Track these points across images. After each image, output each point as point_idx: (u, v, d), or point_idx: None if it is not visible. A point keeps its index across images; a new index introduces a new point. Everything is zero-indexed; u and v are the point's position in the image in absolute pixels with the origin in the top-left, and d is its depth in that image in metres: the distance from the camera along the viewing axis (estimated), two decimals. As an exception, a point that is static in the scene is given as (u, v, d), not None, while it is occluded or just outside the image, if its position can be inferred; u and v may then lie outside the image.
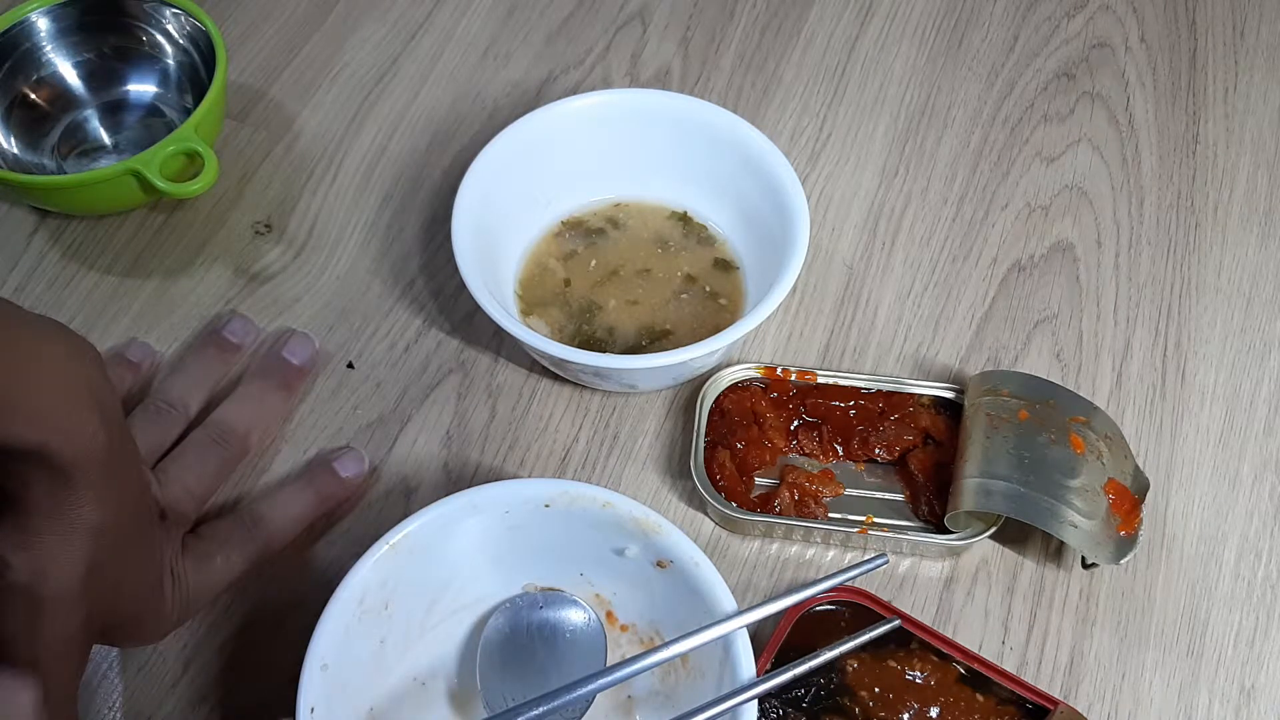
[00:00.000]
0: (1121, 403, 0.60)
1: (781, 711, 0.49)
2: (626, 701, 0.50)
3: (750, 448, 0.56)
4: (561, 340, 0.58)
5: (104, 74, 0.68)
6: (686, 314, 0.61)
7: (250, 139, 0.69)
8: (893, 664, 0.50)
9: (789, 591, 0.47)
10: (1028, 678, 0.51)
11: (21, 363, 0.36)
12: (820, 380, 0.58)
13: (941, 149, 0.70)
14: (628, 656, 0.46)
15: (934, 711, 0.49)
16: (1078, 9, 0.76)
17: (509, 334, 0.54)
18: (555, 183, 0.63)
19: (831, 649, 0.47)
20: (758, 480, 0.56)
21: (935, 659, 0.50)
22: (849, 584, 0.49)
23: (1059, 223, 0.66)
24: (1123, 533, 0.52)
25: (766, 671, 0.48)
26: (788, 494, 0.55)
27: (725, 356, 0.60)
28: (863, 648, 0.49)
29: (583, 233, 0.64)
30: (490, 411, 0.59)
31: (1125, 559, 0.51)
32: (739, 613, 0.45)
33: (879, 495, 0.56)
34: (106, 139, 0.68)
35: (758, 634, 0.49)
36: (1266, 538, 0.56)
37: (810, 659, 0.46)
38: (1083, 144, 0.70)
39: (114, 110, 0.68)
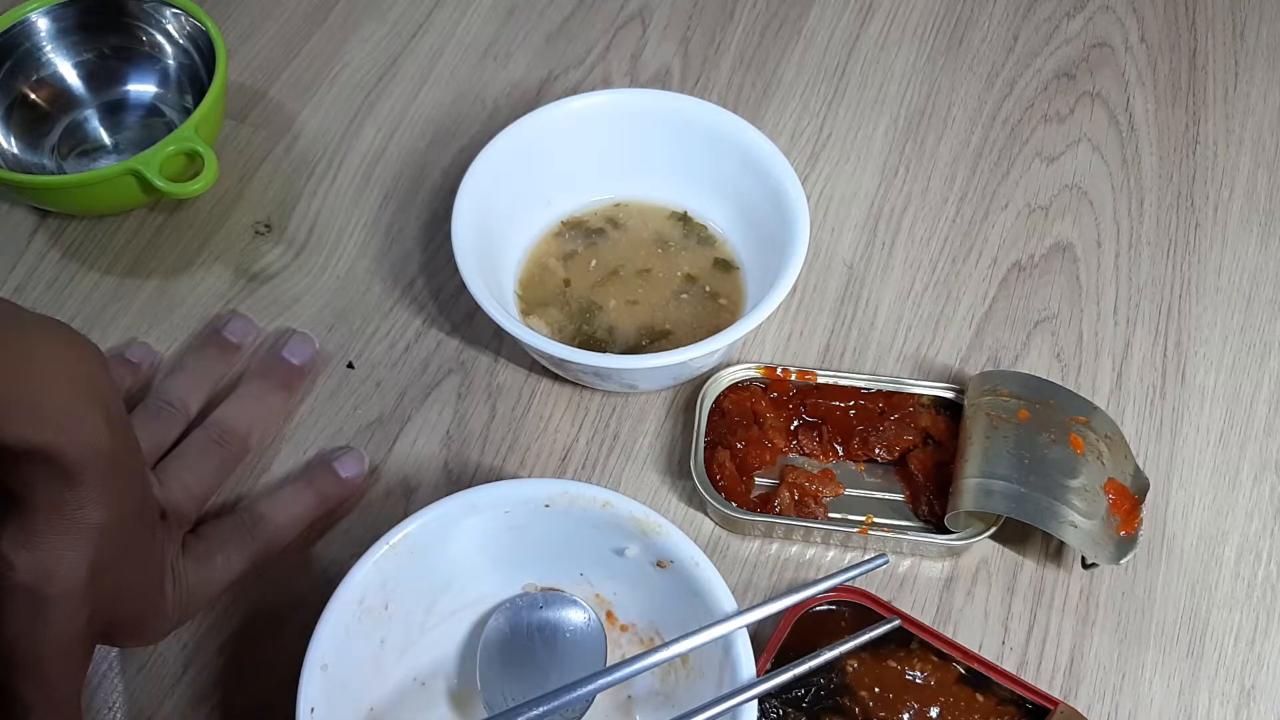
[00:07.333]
0: (1121, 403, 0.60)
1: (781, 711, 0.49)
2: (626, 701, 0.50)
3: (750, 448, 0.56)
4: (561, 340, 0.58)
5: (104, 74, 0.68)
6: (686, 314, 0.61)
7: (250, 139, 0.69)
8: (893, 664, 0.50)
9: (789, 591, 0.47)
10: (1028, 678, 0.51)
11: (26, 363, 0.36)
12: (820, 380, 0.58)
13: (941, 149, 0.70)
14: (628, 656, 0.46)
15: (934, 711, 0.49)
16: (1078, 9, 0.76)
17: (509, 334, 0.54)
18: (555, 183, 0.63)
19: (831, 649, 0.47)
20: (758, 480, 0.56)
21: (935, 659, 0.50)
22: (849, 584, 0.49)
23: (1059, 223, 0.66)
24: (1123, 533, 0.52)
25: (766, 671, 0.48)
26: (788, 494, 0.55)
27: (725, 356, 0.60)
28: (863, 648, 0.49)
29: (583, 233, 0.64)
30: (490, 411, 0.59)
31: (1125, 559, 0.51)
32: (739, 613, 0.45)
33: (879, 495, 0.56)
34: (106, 139, 0.68)
35: (758, 634, 0.49)
36: (1266, 538, 0.56)
37: (810, 659, 0.46)
38: (1083, 144, 0.70)
39: (114, 110, 0.68)
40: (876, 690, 0.49)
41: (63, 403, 0.37)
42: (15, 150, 0.65)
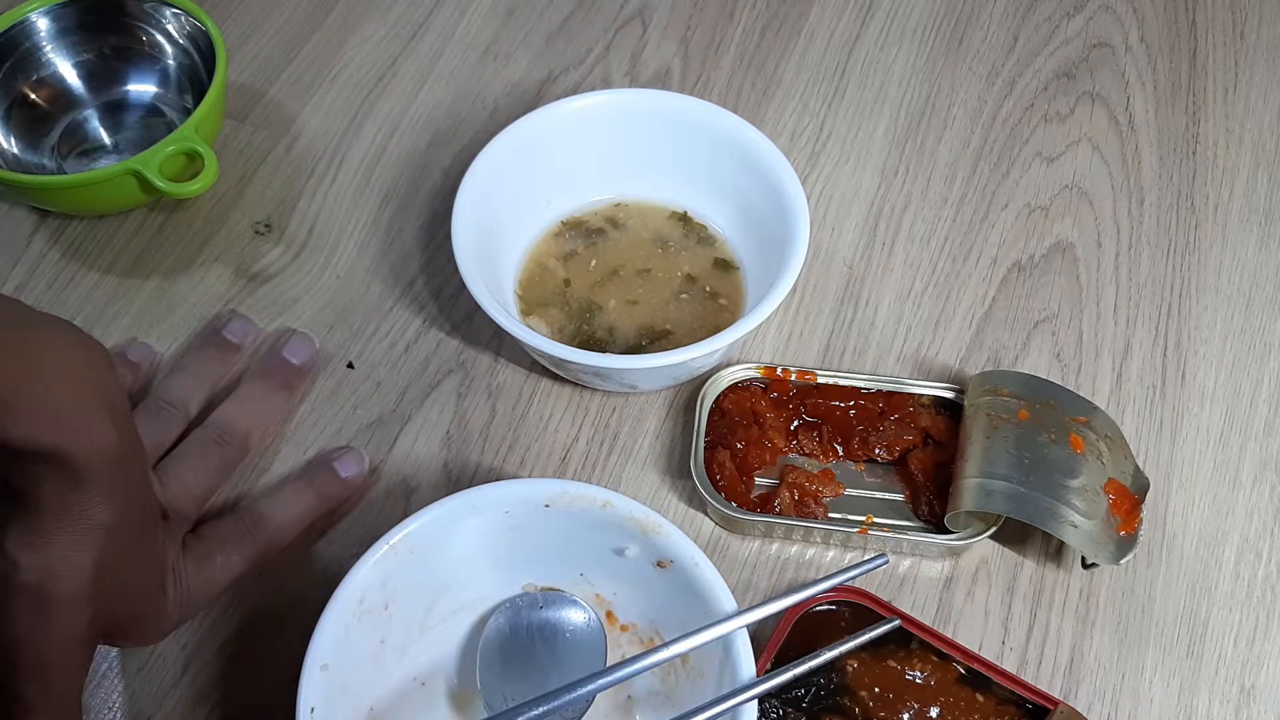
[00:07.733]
0: (1121, 403, 0.60)
1: (781, 711, 0.49)
2: (626, 701, 0.50)
3: (750, 448, 0.56)
4: (561, 340, 0.58)
5: (104, 74, 0.68)
6: (686, 314, 0.61)
7: (250, 139, 0.69)
8: (893, 664, 0.50)
9: (789, 591, 0.47)
10: (1028, 678, 0.51)
11: (33, 364, 0.36)
12: (820, 380, 0.58)
13: (941, 149, 0.70)
14: (628, 656, 0.46)
15: (934, 711, 0.49)
16: (1078, 9, 0.76)
17: (509, 334, 0.54)
18: (555, 183, 0.63)
19: (831, 649, 0.47)
20: (758, 480, 0.56)
21: (935, 659, 0.50)
22: (849, 584, 0.49)
23: (1059, 223, 0.66)
24: (1123, 533, 0.52)
25: (766, 671, 0.48)
26: (788, 494, 0.55)
27: (725, 356, 0.60)
28: (863, 648, 0.49)
29: (583, 233, 0.64)
30: (490, 411, 0.59)
31: (1125, 559, 0.51)
32: (739, 613, 0.45)
33: (879, 495, 0.56)
34: (106, 139, 0.68)
35: (758, 634, 0.49)
36: (1266, 538, 0.56)
37: (810, 659, 0.46)
38: (1083, 144, 0.70)
39: (114, 110, 0.68)
40: (876, 690, 0.49)
41: (69, 403, 0.37)
42: (15, 150, 0.65)
